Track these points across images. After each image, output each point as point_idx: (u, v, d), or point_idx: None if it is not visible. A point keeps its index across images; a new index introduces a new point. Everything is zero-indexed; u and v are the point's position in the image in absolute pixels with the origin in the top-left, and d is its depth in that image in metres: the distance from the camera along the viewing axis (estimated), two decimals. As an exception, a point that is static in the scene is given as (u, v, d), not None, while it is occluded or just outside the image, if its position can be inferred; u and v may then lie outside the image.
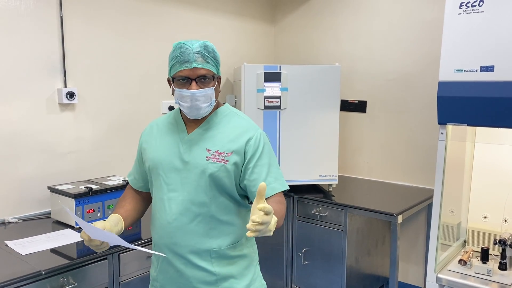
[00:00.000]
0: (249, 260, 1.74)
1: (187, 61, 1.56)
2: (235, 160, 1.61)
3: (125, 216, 1.72)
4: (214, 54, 1.61)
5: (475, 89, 2.32)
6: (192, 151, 1.64)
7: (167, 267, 1.69)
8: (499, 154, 2.79)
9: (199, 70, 1.56)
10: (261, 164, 1.62)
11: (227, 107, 1.75)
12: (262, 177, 1.60)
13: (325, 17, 3.92)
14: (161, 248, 1.68)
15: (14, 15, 2.46)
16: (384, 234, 3.55)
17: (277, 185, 1.63)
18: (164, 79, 3.27)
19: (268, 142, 1.69)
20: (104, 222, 1.60)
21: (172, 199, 1.64)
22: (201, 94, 1.57)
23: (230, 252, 1.66)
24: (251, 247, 1.78)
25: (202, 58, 1.56)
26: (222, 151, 1.61)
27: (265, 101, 3.19)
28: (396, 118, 3.61)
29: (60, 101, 2.67)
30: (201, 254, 1.63)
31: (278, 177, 1.65)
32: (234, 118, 1.70)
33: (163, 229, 1.66)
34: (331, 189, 3.38)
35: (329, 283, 3.18)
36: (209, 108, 1.62)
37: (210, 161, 1.60)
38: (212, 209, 1.62)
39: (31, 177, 2.59)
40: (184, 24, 3.39)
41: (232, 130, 1.65)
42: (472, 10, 2.31)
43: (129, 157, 3.08)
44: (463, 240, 2.96)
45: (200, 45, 1.58)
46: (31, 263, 1.92)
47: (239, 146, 1.62)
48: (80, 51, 2.76)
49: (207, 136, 1.65)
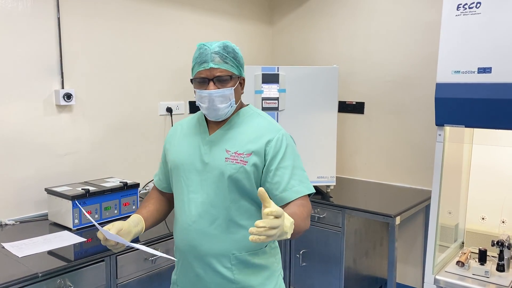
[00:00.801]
0: (271, 270, 1.68)
1: (204, 61, 1.54)
2: (255, 161, 1.56)
3: (147, 217, 1.69)
4: (235, 55, 1.59)
5: (472, 90, 2.32)
6: (212, 152, 1.61)
7: (187, 270, 1.67)
8: (497, 155, 2.80)
9: (216, 70, 1.54)
10: (284, 166, 1.57)
11: (250, 108, 1.71)
12: (285, 180, 1.55)
13: (322, 18, 3.92)
14: (182, 251, 1.66)
15: (11, 16, 2.45)
16: (382, 236, 3.55)
17: (301, 188, 1.57)
18: (161, 81, 3.29)
19: (292, 143, 1.64)
20: (123, 222, 1.57)
21: (192, 200, 1.62)
22: (218, 94, 1.54)
23: (251, 259, 1.62)
24: (274, 256, 1.72)
25: (219, 58, 1.54)
26: (241, 152, 1.57)
27: (263, 103, 3.18)
28: (393, 120, 3.61)
29: (58, 103, 2.66)
30: (220, 259, 1.59)
31: (302, 180, 1.59)
32: (256, 118, 1.66)
33: (183, 231, 1.64)
34: (329, 190, 3.37)
35: (327, 285, 3.18)
36: (228, 109, 1.59)
37: (228, 162, 1.57)
38: (232, 212, 1.58)
39: (28, 178, 2.58)
40: (182, 25, 3.38)
41: (253, 131, 1.61)
42: (470, 12, 2.31)
43: (127, 159, 3.09)
44: (461, 242, 2.96)
45: (219, 45, 1.56)
46: (28, 266, 1.91)
47: (259, 147, 1.57)
48: (77, 52, 2.76)
49: (228, 137, 1.62)
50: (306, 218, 1.52)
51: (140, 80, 3.14)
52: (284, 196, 1.55)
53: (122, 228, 1.54)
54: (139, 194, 2.73)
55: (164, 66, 3.29)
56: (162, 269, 2.39)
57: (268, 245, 1.67)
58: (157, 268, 2.37)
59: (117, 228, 1.52)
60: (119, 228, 1.52)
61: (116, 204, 2.56)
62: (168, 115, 3.33)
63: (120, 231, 1.53)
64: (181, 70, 3.36)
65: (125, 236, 1.55)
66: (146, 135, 3.21)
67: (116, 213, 2.56)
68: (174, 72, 3.35)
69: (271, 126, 1.63)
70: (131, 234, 1.59)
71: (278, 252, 1.76)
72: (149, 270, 2.34)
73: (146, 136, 3.21)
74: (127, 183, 2.62)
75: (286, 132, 1.65)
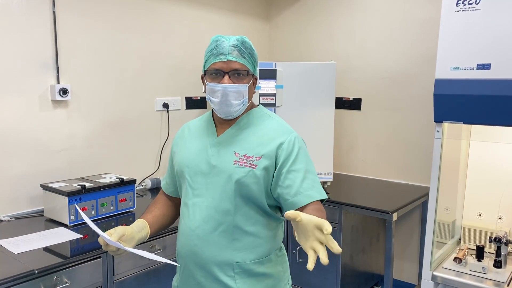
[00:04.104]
0: (276, 279, 1.59)
1: (221, 53, 1.48)
2: (265, 164, 1.49)
3: (152, 222, 1.62)
4: (252, 51, 1.53)
5: (471, 87, 2.32)
6: (220, 154, 1.54)
7: (188, 278, 1.59)
8: (494, 152, 2.80)
9: (234, 63, 1.48)
10: (295, 169, 1.48)
11: (260, 109, 1.64)
12: (297, 184, 1.46)
13: (319, 14, 3.91)
14: (183, 257, 1.60)
15: (6, 10, 2.42)
16: (379, 232, 3.56)
17: (314, 193, 1.47)
18: (158, 76, 3.27)
19: (304, 146, 1.56)
20: (126, 228, 1.48)
21: (196, 204, 1.55)
22: (233, 90, 1.48)
23: (255, 268, 1.53)
24: (281, 264, 1.62)
25: (238, 52, 1.48)
26: (251, 155, 1.50)
27: (260, 99, 3.17)
28: (391, 116, 3.61)
29: (53, 98, 2.63)
30: (223, 267, 1.51)
31: (315, 185, 1.49)
32: (267, 120, 1.59)
33: (185, 236, 1.57)
34: (326, 186, 3.37)
35: (324, 281, 3.18)
36: (241, 107, 1.52)
37: (237, 166, 1.49)
38: (236, 218, 1.51)
39: (23, 174, 2.56)
40: (178, 20, 3.36)
41: (264, 133, 1.54)
42: (469, 8, 2.31)
43: (123, 155, 3.07)
44: (458, 238, 2.97)
45: (238, 39, 1.50)
46: (24, 262, 1.89)
47: (270, 150, 1.50)
48: (73, 47, 2.73)
49: (237, 139, 1.54)
50: None
51: (136, 75, 3.11)
52: (296, 201, 1.46)
53: (124, 234, 1.46)
54: (135, 190, 2.71)
55: (160, 61, 3.26)
56: (159, 266, 2.38)
57: (274, 252, 1.60)
58: (154, 265, 2.35)
59: (119, 234, 1.44)
60: (122, 234, 1.45)
61: (113, 200, 2.54)
62: (164, 110, 3.31)
63: (122, 236, 1.45)
64: (178, 65, 3.34)
65: (128, 242, 1.47)
66: (143, 131, 3.19)
67: (112, 209, 2.54)
68: (170, 67, 3.32)
69: (283, 128, 1.57)
70: (134, 240, 1.51)
71: (286, 260, 1.67)
72: (146, 267, 2.33)
73: (142, 132, 3.19)
74: (124, 179, 2.60)
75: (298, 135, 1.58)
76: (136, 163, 3.16)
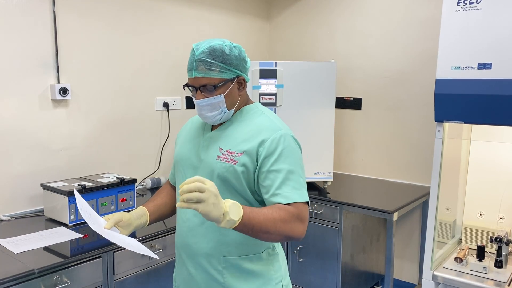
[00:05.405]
0: (266, 278, 1.57)
1: (190, 69, 1.49)
2: (245, 161, 1.48)
3: (153, 210, 1.66)
4: (224, 58, 1.47)
5: (472, 86, 2.31)
6: (208, 149, 1.57)
7: (181, 267, 1.65)
8: (495, 151, 2.80)
9: (201, 79, 1.47)
10: (276, 169, 1.45)
11: (255, 105, 1.62)
12: (276, 184, 1.43)
13: (320, 13, 3.90)
14: (178, 247, 1.66)
15: (6, 10, 2.41)
16: (379, 232, 3.55)
17: (293, 195, 1.42)
18: (158, 75, 3.27)
19: (291, 145, 1.50)
20: (124, 214, 1.53)
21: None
22: (205, 104, 1.50)
23: (243, 264, 1.53)
24: (272, 264, 1.60)
25: (204, 66, 1.45)
26: (233, 151, 1.50)
27: (261, 98, 3.16)
28: (391, 116, 3.60)
29: (53, 97, 2.63)
30: (210, 260, 1.54)
31: (296, 186, 1.44)
32: (259, 117, 1.57)
33: (179, 228, 1.64)
34: (326, 186, 3.37)
35: (324, 280, 3.18)
36: (220, 115, 1.53)
37: (219, 161, 1.51)
38: None
39: (23, 174, 2.55)
40: (178, 20, 3.35)
41: (250, 129, 1.53)
42: (470, 7, 2.30)
43: (123, 154, 3.06)
44: (459, 238, 2.97)
45: (205, 50, 1.46)
46: (24, 262, 1.89)
47: (251, 147, 1.48)
48: (73, 47, 2.72)
49: (225, 134, 1.56)
50: (282, 222, 1.36)
51: (136, 74, 3.11)
52: (272, 201, 1.44)
53: (121, 220, 1.51)
54: (136, 190, 2.70)
55: (160, 60, 3.26)
56: (160, 265, 2.38)
57: (266, 251, 1.59)
58: (154, 264, 2.35)
59: (116, 219, 1.49)
60: (118, 220, 1.50)
61: (113, 200, 2.54)
62: (164, 110, 3.31)
63: (119, 222, 1.50)
64: (178, 65, 3.33)
65: (125, 228, 1.52)
66: (143, 130, 3.19)
67: (113, 208, 2.54)
68: (170, 67, 3.32)
69: (271, 125, 1.53)
70: (132, 227, 1.55)
71: (279, 260, 1.64)
72: (147, 266, 2.32)
73: (142, 131, 3.18)
74: (124, 178, 2.60)
75: (290, 132, 1.54)
76: (136, 163, 3.16)
